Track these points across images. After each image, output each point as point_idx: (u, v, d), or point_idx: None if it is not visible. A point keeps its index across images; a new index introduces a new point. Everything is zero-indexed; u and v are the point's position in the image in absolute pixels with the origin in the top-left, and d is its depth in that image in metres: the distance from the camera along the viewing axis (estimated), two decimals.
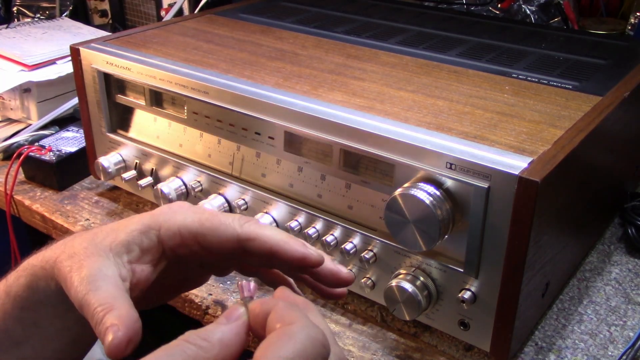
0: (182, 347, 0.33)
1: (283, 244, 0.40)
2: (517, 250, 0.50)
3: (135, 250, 0.42)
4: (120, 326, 0.36)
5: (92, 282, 0.38)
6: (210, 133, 0.68)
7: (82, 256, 0.40)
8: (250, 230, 0.41)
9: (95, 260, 0.40)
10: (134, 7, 1.30)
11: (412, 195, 0.52)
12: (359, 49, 0.77)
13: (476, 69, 0.71)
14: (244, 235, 0.41)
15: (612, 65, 0.73)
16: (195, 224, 0.42)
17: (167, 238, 0.42)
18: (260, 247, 0.41)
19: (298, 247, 0.40)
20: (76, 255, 0.41)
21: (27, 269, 0.44)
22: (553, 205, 0.53)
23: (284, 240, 0.41)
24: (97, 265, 0.40)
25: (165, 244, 0.42)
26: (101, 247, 0.41)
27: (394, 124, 0.57)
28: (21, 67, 0.98)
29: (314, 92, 0.64)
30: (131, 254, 0.42)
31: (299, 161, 0.62)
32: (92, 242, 0.42)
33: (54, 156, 0.85)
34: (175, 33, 0.82)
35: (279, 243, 0.40)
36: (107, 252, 0.41)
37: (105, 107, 0.77)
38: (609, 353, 0.59)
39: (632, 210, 0.75)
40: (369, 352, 0.59)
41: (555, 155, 0.51)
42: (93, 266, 0.40)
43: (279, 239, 0.41)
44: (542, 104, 0.61)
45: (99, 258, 0.40)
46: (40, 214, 0.81)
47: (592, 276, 0.69)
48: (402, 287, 0.56)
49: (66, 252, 0.41)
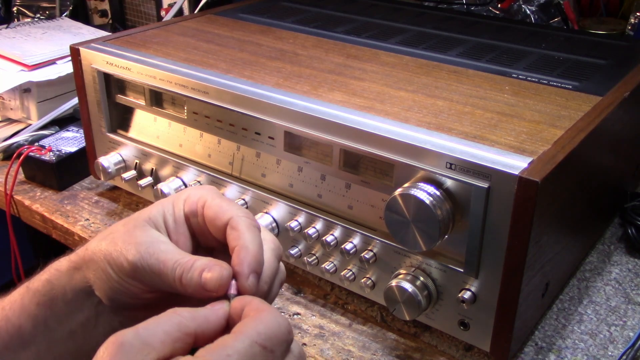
0: (169, 315, 0.37)
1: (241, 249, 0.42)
2: (517, 250, 0.50)
3: (170, 221, 0.45)
4: (215, 264, 0.41)
5: (153, 245, 0.42)
6: (210, 133, 0.68)
7: (127, 232, 0.43)
8: (239, 222, 0.43)
9: (142, 230, 0.44)
10: (134, 7, 1.30)
11: (412, 195, 0.52)
12: (359, 49, 0.77)
13: (476, 69, 0.71)
14: (233, 222, 0.44)
15: (612, 65, 0.73)
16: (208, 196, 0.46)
17: (188, 207, 0.46)
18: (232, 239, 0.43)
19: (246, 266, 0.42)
20: (120, 234, 0.43)
21: (52, 265, 0.46)
22: (553, 205, 0.53)
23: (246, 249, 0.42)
24: (148, 233, 0.43)
25: (186, 213, 0.46)
26: (140, 220, 0.44)
27: (394, 124, 0.57)
28: (21, 67, 0.98)
29: (314, 92, 0.64)
30: (168, 223, 0.45)
31: (299, 161, 0.62)
32: (130, 220, 0.45)
33: (53, 156, 0.85)
34: (175, 33, 0.82)
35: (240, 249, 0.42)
36: (148, 221, 0.44)
37: (105, 107, 0.77)
38: (609, 353, 0.59)
39: (632, 210, 0.75)
40: (369, 352, 0.59)
41: (555, 155, 0.51)
42: (145, 234, 0.43)
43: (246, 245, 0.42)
44: (542, 104, 0.61)
45: (144, 228, 0.44)
46: (40, 214, 0.81)
47: (592, 276, 0.69)
48: (402, 287, 0.56)
49: (107, 239, 0.44)
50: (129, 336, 0.36)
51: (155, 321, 0.37)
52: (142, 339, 0.36)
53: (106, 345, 0.36)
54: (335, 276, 0.63)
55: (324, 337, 0.61)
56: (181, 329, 0.37)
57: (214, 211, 0.44)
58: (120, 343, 0.35)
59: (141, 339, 0.36)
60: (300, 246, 0.65)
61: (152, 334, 0.36)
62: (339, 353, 0.59)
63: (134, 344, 0.35)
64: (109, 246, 0.43)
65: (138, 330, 0.36)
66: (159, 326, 0.37)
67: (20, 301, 0.46)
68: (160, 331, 0.37)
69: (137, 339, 0.36)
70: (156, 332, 0.36)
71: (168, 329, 0.37)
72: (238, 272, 0.42)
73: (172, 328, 0.37)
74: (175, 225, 0.45)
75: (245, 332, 0.37)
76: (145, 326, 0.37)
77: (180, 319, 0.37)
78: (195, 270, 0.41)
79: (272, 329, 0.37)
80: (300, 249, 0.65)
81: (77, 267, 0.45)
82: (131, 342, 0.35)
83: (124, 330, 0.36)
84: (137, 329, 0.36)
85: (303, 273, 0.69)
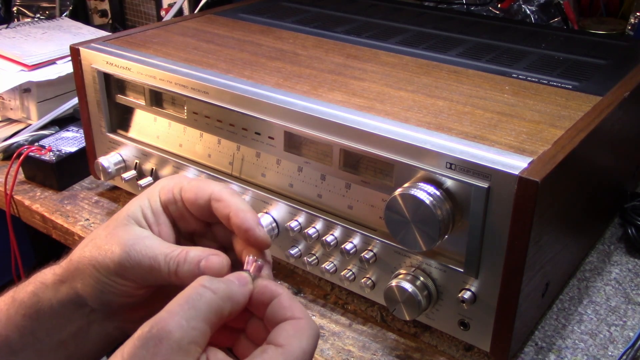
0: (201, 293, 0.37)
1: (238, 211, 0.44)
2: (517, 250, 0.50)
3: (148, 214, 0.45)
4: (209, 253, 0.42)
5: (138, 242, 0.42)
6: (210, 133, 0.68)
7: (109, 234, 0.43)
8: (222, 193, 0.45)
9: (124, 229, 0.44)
10: (134, 7, 1.30)
11: (412, 195, 0.52)
12: (359, 49, 0.77)
13: (476, 69, 0.71)
14: (215, 195, 0.44)
15: (612, 65, 0.73)
16: (183, 181, 0.47)
17: (164, 196, 0.46)
18: (222, 209, 0.44)
19: (250, 221, 0.43)
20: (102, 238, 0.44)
21: (37, 277, 0.45)
22: (553, 205, 0.53)
23: (242, 209, 0.44)
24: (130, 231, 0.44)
25: (162, 202, 0.46)
26: (119, 220, 0.45)
27: (394, 124, 0.57)
28: (21, 67, 0.98)
29: (314, 92, 0.64)
30: (147, 216, 0.45)
31: (299, 161, 0.62)
32: (110, 221, 0.45)
33: (53, 156, 0.85)
34: (175, 33, 0.82)
35: (236, 211, 0.44)
36: (127, 219, 0.45)
37: (105, 107, 0.77)
38: (609, 353, 0.59)
39: (632, 210, 0.75)
40: (369, 352, 0.59)
41: (555, 155, 0.51)
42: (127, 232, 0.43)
43: (238, 207, 0.44)
44: (542, 104, 0.61)
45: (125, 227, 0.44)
46: (40, 214, 0.81)
47: (592, 276, 0.69)
48: (402, 287, 0.56)
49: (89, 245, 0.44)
50: (176, 336, 0.34)
51: (193, 307, 0.36)
52: (189, 338, 0.35)
53: (152, 343, 0.34)
54: (335, 276, 0.63)
55: (324, 337, 0.61)
56: (218, 313, 0.37)
57: (194, 192, 0.45)
58: (170, 347, 0.34)
59: (188, 338, 0.35)
60: (300, 246, 0.65)
61: (194, 326, 0.35)
62: (339, 353, 0.59)
63: (182, 345, 0.34)
64: (92, 251, 0.43)
65: (181, 324, 0.35)
66: (198, 314, 0.36)
67: (5, 311, 0.45)
68: (201, 322, 0.36)
69: (185, 338, 0.35)
70: (198, 324, 0.35)
71: (207, 315, 0.36)
72: (247, 228, 0.43)
73: (211, 314, 0.36)
74: (155, 217, 0.46)
75: (292, 352, 0.37)
76: (186, 315, 0.35)
77: (216, 300, 0.37)
78: (192, 263, 0.41)
79: (313, 345, 0.38)
80: (300, 249, 0.65)
81: (63, 280, 0.44)
82: (180, 344, 0.34)
83: (165, 324, 0.35)
84: (179, 323, 0.35)
85: (303, 273, 0.69)
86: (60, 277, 0.44)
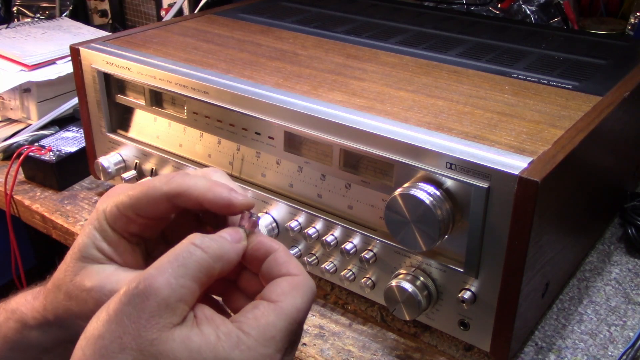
0: (191, 252, 0.35)
1: (206, 192, 0.39)
2: (517, 250, 0.50)
3: (104, 247, 0.41)
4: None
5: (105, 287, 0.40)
6: (210, 133, 0.68)
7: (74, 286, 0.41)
8: (176, 185, 0.40)
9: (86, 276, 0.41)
10: (134, 7, 1.30)
11: (412, 195, 0.52)
12: (359, 49, 0.77)
13: (476, 69, 0.71)
14: (172, 192, 0.40)
15: (612, 65, 0.73)
16: (127, 198, 0.41)
17: (113, 221, 0.41)
18: (188, 201, 0.40)
19: (223, 193, 0.39)
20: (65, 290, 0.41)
21: (18, 314, 0.43)
22: (553, 205, 0.53)
23: (207, 188, 0.39)
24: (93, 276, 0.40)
25: (115, 227, 0.42)
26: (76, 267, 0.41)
27: (394, 124, 0.57)
28: (21, 67, 0.98)
29: (314, 92, 0.64)
30: (103, 250, 0.41)
31: (299, 161, 0.62)
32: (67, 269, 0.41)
33: (53, 156, 0.85)
34: (175, 33, 0.82)
35: (203, 193, 0.39)
36: (84, 260, 0.41)
37: (105, 107, 0.77)
38: (609, 353, 0.59)
39: (632, 210, 0.75)
40: (369, 352, 0.59)
41: (555, 155, 0.51)
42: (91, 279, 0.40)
43: (202, 188, 0.39)
44: (542, 104, 0.61)
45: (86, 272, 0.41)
46: (40, 214, 0.81)
47: (592, 276, 0.69)
48: (402, 287, 0.56)
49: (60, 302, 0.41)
50: (165, 293, 0.33)
51: (182, 265, 0.34)
52: (178, 296, 0.33)
53: (139, 300, 0.33)
54: (335, 276, 0.63)
55: (324, 337, 0.61)
56: (208, 272, 0.35)
57: (147, 203, 0.40)
58: (158, 304, 0.33)
59: (177, 296, 0.33)
60: (300, 246, 0.65)
61: (183, 284, 0.34)
62: (339, 353, 0.59)
63: (170, 303, 0.33)
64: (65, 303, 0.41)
65: (170, 282, 0.34)
66: (187, 272, 0.34)
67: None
68: (190, 280, 0.34)
69: (173, 296, 0.33)
70: (187, 282, 0.34)
71: (196, 274, 0.35)
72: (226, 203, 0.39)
73: (201, 273, 0.35)
74: (112, 247, 0.42)
75: (286, 309, 0.36)
76: (175, 273, 0.34)
77: (206, 259, 0.35)
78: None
79: (308, 302, 0.37)
80: (300, 249, 0.65)
81: (49, 325, 0.42)
82: (168, 302, 0.33)
83: (154, 280, 0.33)
84: (168, 281, 0.33)
85: None
86: (43, 322, 0.42)
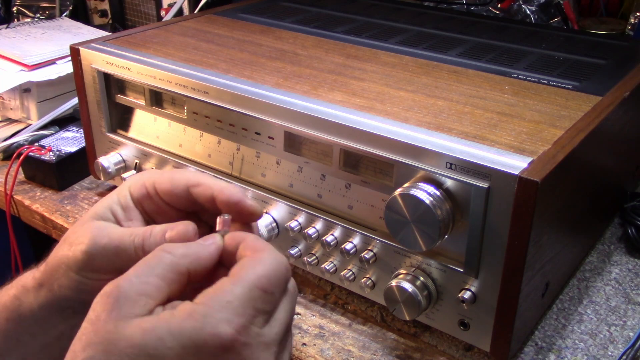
0: (159, 256, 0.37)
1: (223, 189, 0.43)
2: (517, 250, 0.50)
3: (118, 210, 0.45)
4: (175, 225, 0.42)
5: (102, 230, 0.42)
6: (210, 133, 0.68)
7: (75, 232, 0.43)
8: (199, 176, 0.44)
9: (89, 224, 0.43)
10: (134, 7, 1.30)
11: (412, 195, 0.52)
12: (359, 49, 0.77)
13: (476, 69, 0.71)
14: (193, 180, 0.44)
15: (612, 65, 0.73)
16: (153, 172, 0.46)
17: (134, 189, 0.45)
18: (204, 193, 0.43)
19: (238, 192, 0.43)
20: (70, 237, 0.43)
21: (20, 280, 0.45)
22: (553, 205, 0.53)
23: (224, 185, 0.44)
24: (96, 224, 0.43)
25: (135, 198, 0.45)
26: (86, 218, 0.44)
27: (394, 124, 0.57)
28: (21, 67, 0.98)
29: (314, 92, 0.64)
30: (116, 213, 0.45)
31: (299, 161, 0.62)
32: (77, 222, 0.44)
33: (53, 156, 0.85)
34: (175, 33, 0.82)
35: (220, 189, 0.43)
36: (94, 217, 0.44)
37: (105, 107, 0.77)
38: (609, 353, 0.59)
39: (632, 210, 0.75)
40: (369, 352, 0.59)
41: (555, 155, 0.51)
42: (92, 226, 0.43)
43: (220, 184, 0.44)
44: (542, 104, 0.61)
45: (91, 222, 0.43)
46: (40, 214, 0.81)
47: (592, 276, 0.69)
48: (402, 287, 0.56)
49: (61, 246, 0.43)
50: (124, 288, 0.35)
51: (147, 265, 0.37)
52: (138, 290, 0.35)
53: (101, 300, 0.35)
54: (335, 276, 0.63)
55: (324, 337, 0.61)
56: (174, 269, 0.37)
57: (168, 183, 0.45)
58: (116, 298, 0.35)
59: (136, 289, 0.35)
60: (300, 246, 0.65)
61: (146, 281, 0.36)
62: (339, 353, 0.59)
63: (129, 296, 0.35)
64: (63, 250, 0.43)
65: (131, 279, 0.36)
66: (152, 271, 0.36)
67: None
68: (154, 277, 0.36)
69: (133, 289, 0.35)
70: (150, 278, 0.36)
71: (161, 271, 0.36)
72: (236, 201, 0.42)
73: (165, 270, 0.36)
74: (125, 213, 0.45)
75: (244, 276, 0.36)
76: (138, 272, 0.36)
77: (172, 259, 0.37)
78: (157, 235, 0.41)
79: (271, 271, 0.37)
80: (300, 249, 0.65)
81: (41, 284, 0.44)
82: (127, 295, 0.35)
83: (117, 281, 0.35)
84: (129, 279, 0.36)
85: (303, 273, 0.69)
86: (39, 281, 0.44)
